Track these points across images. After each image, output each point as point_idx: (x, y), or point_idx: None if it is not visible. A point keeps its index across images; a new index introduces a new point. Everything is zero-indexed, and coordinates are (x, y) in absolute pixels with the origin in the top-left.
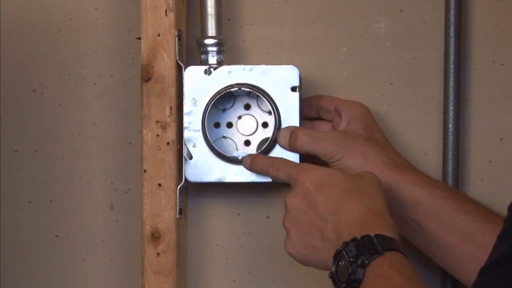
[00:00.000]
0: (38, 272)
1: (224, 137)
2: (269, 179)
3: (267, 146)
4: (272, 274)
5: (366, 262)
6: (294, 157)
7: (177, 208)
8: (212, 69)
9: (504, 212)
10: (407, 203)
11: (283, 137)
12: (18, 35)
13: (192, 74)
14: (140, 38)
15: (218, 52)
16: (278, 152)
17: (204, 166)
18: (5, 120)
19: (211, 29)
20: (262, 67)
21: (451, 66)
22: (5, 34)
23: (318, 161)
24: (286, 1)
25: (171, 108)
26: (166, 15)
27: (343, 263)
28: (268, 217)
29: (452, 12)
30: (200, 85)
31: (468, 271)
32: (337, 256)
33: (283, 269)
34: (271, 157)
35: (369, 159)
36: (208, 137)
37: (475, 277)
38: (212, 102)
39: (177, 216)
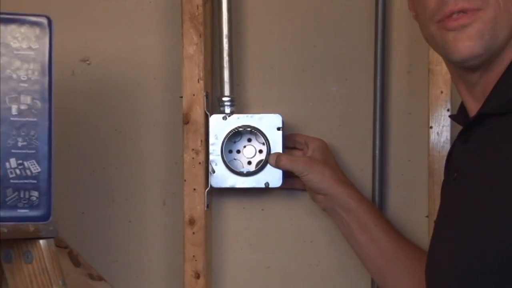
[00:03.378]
0: (112, 248)
1: (235, 159)
2: (262, 185)
3: (262, 165)
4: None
5: None
6: (278, 172)
7: (205, 204)
8: (227, 116)
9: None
10: (344, 208)
11: (272, 159)
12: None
13: (215, 119)
14: (182, 97)
15: (231, 105)
16: (268, 169)
17: (223, 177)
18: (86, 151)
19: (226, 91)
20: (259, 115)
21: (377, 117)
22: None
23: (293, 175)
24: (273, 73)
25: (201, 141)
26: (198, 82)
27: None
28: (262, 210)
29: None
30: (219, 126)
31: (370, 266)
32: None
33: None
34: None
35: (325, 176)
36: (225, 159)
37: (370, 271)
38: (227, 137)
39: (205, 209)
